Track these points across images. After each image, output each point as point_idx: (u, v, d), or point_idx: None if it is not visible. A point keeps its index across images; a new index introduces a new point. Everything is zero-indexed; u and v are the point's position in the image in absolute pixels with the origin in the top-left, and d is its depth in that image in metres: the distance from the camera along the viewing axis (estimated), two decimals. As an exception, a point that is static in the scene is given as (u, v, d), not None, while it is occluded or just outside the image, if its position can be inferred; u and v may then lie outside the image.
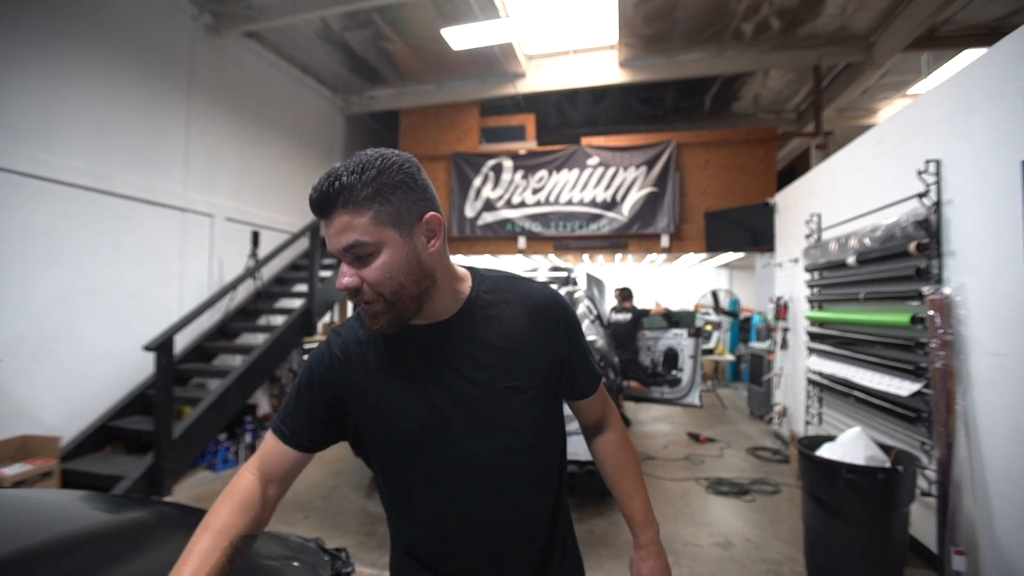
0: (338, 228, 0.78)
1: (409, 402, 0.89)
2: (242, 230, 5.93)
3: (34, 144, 3.90)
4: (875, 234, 3.40)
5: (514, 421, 0.90)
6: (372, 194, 0.78)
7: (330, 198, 0.78)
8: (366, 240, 0.78)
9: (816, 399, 4.43)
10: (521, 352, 0.91)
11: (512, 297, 0.95)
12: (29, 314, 3.87)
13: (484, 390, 0.89)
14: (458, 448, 0.89)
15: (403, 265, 0.81)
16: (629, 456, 1.08)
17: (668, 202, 6.87)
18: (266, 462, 0.91)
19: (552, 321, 0.95)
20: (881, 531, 2.52)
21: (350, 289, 0.80)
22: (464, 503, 0.90)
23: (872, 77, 6.22)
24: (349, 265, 0.81)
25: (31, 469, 3.48)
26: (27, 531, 0.99)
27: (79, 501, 1.23)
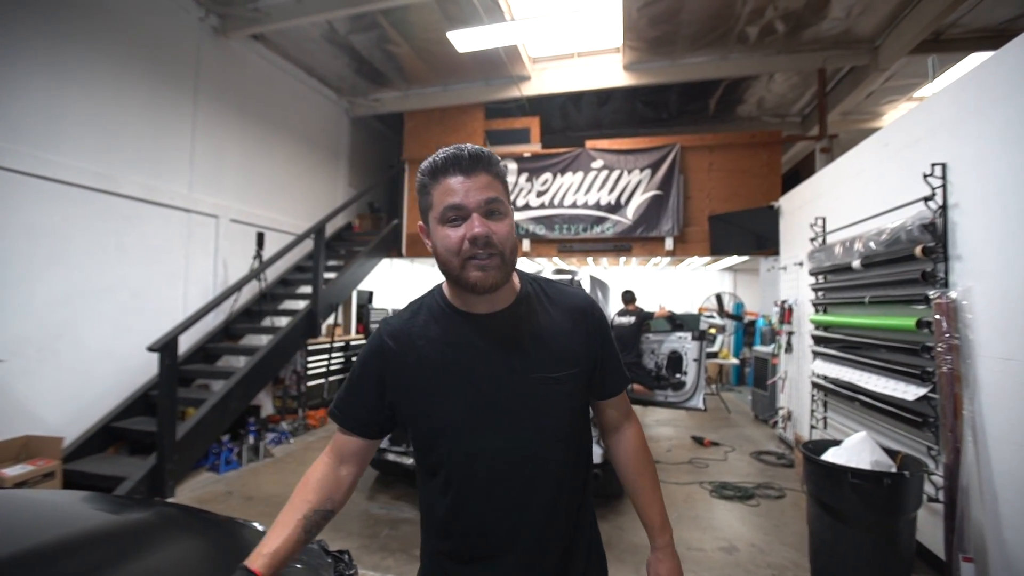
0: (483, 183, 0.90)
1: (457, 387, 0.96)
2: (247, 231, 5.95)
3: (38, 144, 3.92)
4: (880, 237, 3.38)
5: (554, 408, 0.98)
6: (500, 172, 0.94)
7: (480, 159, 0.91)
8: (503, 199, 0.92)
9: (821, 403, 4.40)
10: (562, 348, 1.00)
11: (556, 298, 1.05)
12: (32, 314, 3.88)
13: (529, 378, 0.96)
14: (501, 428, 0.96)
15: (512, 234, 0.93)
16: (648, 460, 1.13)
17: (672, 205, 6.85)
18: (337, 446, 1.03)
19: (591, 323, 1.04)
20: (887, 537, 2.50)
21: (480, 237, 0.88)
22: (503, 479, 0.97)
23: (877, 80, 6.21)
24: (483, 218, 0.89)
25: (33, 470, 3.49)
26: (29, 532, 0.99)
27: (81, 502, 1.23)
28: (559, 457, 0.99)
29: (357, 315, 8.57)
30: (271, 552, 0.87)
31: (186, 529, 1.15)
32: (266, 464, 4.82)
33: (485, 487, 0.97)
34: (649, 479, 1.12)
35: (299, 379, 6.21)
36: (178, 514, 1.21)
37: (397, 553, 3.13)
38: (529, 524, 0.97)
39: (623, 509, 3.85)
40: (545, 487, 0.98)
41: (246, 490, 4.15)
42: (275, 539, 0.89)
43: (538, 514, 0.98)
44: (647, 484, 1.11)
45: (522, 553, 0.97)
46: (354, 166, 8.38)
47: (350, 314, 8.40)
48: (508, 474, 0.97)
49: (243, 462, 4.73)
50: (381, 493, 4.10)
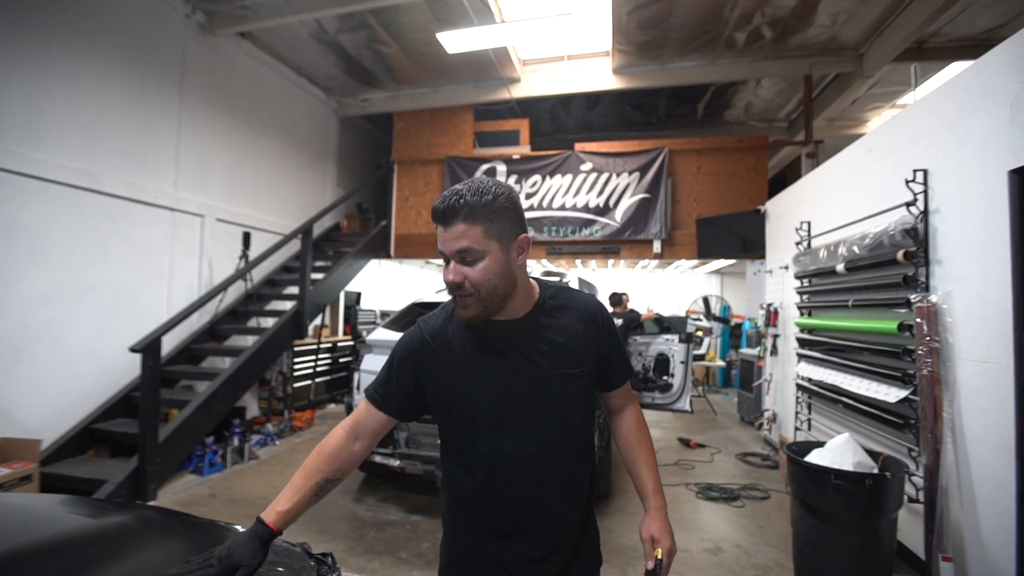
0: (455, 234, 1.00)
1: (486, 381, 1.11)
2: (233, 231, 5.88)
3: (19, 140, 3.84)
4: (864, 242, 3.43)
5: (573, 399, 1.15)
6: (486, 215, 1.00)
7: (454, 210, 0.99)
8: (475, 247, 1.00)
9: (805, 405, 4.45)
10: (576, 347, 1.14)
11: (569, 304, 1.19)
12: (10, 314, 3.80)
13: (549, 373, 1.11)
14: (526, 419, 1.11)
15: (499, 271, 1.03)
16: (645, 435, 1.29)
17: (660, 208, 6.90)
18: (358, 422, 1.15)
19: (599, 324, 1.19)
20: (869, 537, 2.53)
21: (454, 284, 1.02)
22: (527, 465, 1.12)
23: (862, 87, 6.31)
24: (457, 265, 1.02)
25: (9, 473, 3.41)
26: (3, 536, 0.97)
27: (58, 505, 1.20)
28: (574, 445, 1.17)
29: (344, 316, 8.51)
30: (284, 511, 1.01)
31: (167, 532, 1.13)
32: (251, 466, 4.76)
33: (511, 471, 1.12)
34: (646, 451, 1.25)
35: (285, 380, 6.15)
36: (159, 517, 1.19)
37: (383, 556, 3.11)
38: (550, 504, 1.14)
39: (611, 511, 3.87)
40: (562, 472, 1.15)
41: (230, 492, 4.10)
42: (288, 499, 1.03)
43: (557, 496, 1.15)
44: (643, 455, 1.25)
45: (544, 530, 1.14)
46: (343, 166, 8.33)
47: (337, 315, 8.34)
48: (531, 460, 1.12)
49: (227, 464, 4.67)
50: (368, 495, 4.07)
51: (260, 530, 0.99)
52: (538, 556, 1.14)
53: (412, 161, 7.91)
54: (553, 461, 1.14)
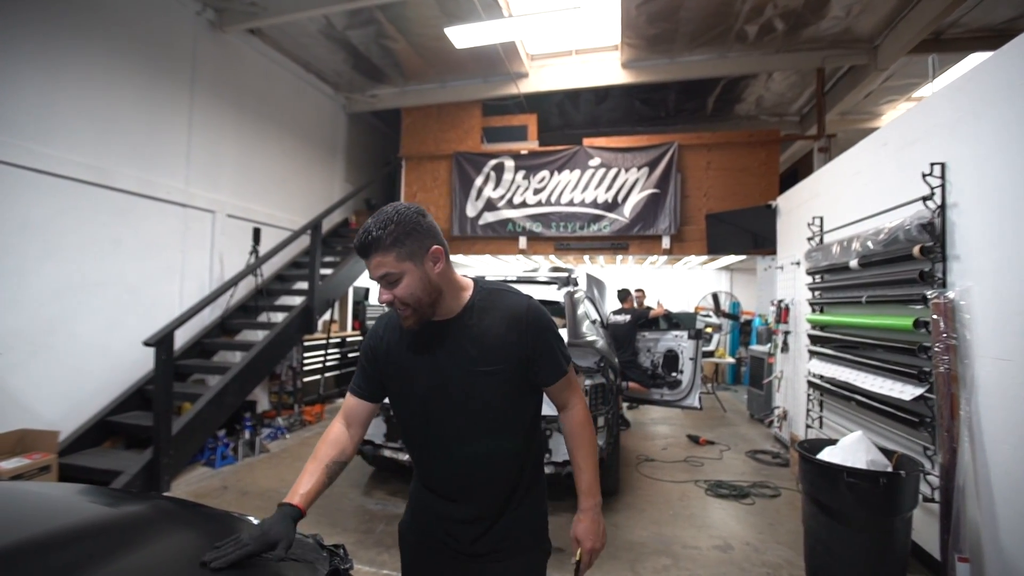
0: (374, 265, 1.17)
1: (419, 374, 1.28)
2: (243, 227, 5.92)
3: (32, 137, 3.89)
4: (878, 237, 3.38)
5: (489, 394, 1.26)
6: (393, 241, 1.15)
7: (367, 247, 1.16)
8: (393, 271, 1.17)
9: (817, 403, 4.41)
10: (495, 347, 1.25)
11: (495, 306, 1.29)
12: (25, 308, 3.85)
13: (468, 371, 1.25)
14: (454, 406, 1.27)
15: (418, 284, 1.19)
16: (585, 436, 1.36)
17: (669, 204, 6.85)
18: (349, 412, 1.36)
19: (522, 327, 1.27)
20: (883, 536, 2.50)
21: (386, 302, 1.20)
22: (456, 442, 1.29)
23: (876, 80, 6.22)
24: (385, 288, 1.19)
25: (29, 463, 3.47)
26: (25, 523, 0.98)
27: (77, 494, 1.22)
28: (493, 428, 1.28)
29: (353, 312, 8.55)
30: (305, 492, 1.16)
31: (182, 522, 1.14)
32: (262, 459, 4.80)
33: (440, 450, 1.31)
34: (584, 450, 1.35)
35: (295, 375, 6.19)
36: (174, 507, 1.20)
37: (392, 548, 3.12)
38: (474, 478, 1.30)
39: (619, 507, 3.86)
40: (484, 454, 1.28)
41: (242, 485, 4.14)
42: (307, 482, 1.19)
43: (480, 472, 1.30)
44: (581, 455, 1.34)
45: (470, 498, 1.30)
46: (351, 162, 8.34)
47: (346, 310, 8.38)
48: (456, 443, 1.29)
49: (239, 457, 4.72)
50: (377, 489, 4.09)
51: (289, 511, 1.12)
52: (465, 518, 1.31)
53: (420, 157, 7.91)
54: (474, 445, 1.28)
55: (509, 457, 1.32)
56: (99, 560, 0.88)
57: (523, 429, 1.34)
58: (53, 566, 0.85)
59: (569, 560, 1.30)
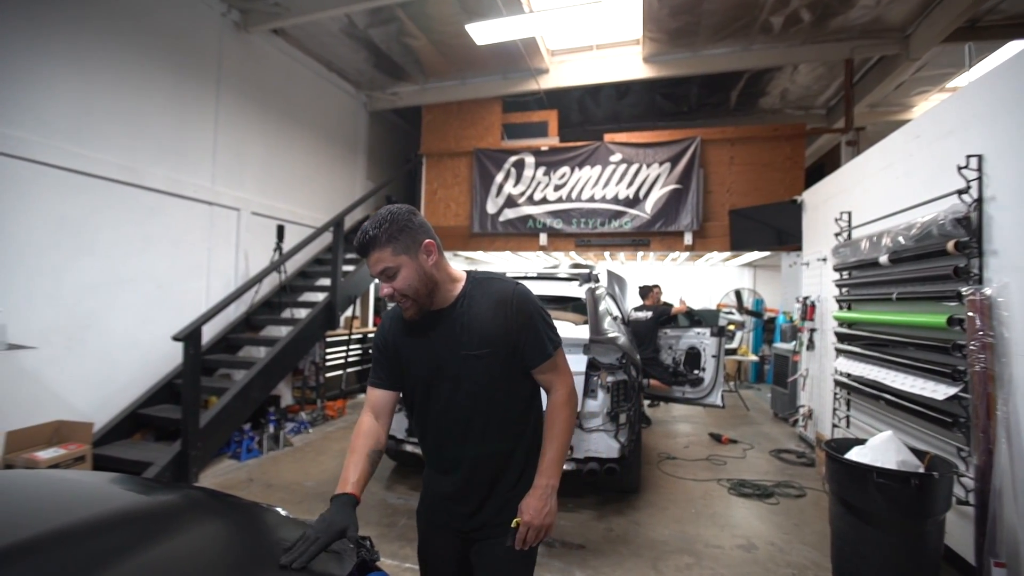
0: (373, 261, 1.28)
1: (419, 360, 1.40)
2: (267, 224, 6.02)
3: (66, 137, 4.01)
4: (910, 232, 3.28)
5: (477, 376, 1.35)
6: (388, 238, 1.27)
7: (366, 245, 1.27)
8: (390, 265, 1.28)
9: (844, 401, 4.31)
10: (483, 333, 1.34)
11: (485, 294, 1.38)
12: (61, 303, 3.98)
13: (461, 356, 1.35)
14: (449, 390, 1.37)
15: (415, 276, 1.30)
16: (560, 416, 1.38)
17: (692, 199, 6.76)
18: (373, 404, 1.45)
19: (507, 312, 1.35)
20: (914, 539, 2.44)
21: (387, 296, 1.31)
22: (452, 423, 1.39)
23: (908, 71, 6.03)
24: (385, 282, 1.30)
25: (65, 453, 3.59)
26: (65, 510, 1.02)
27: (114, 483, 1.26)
28: (483, 410, 1.37)
29: (375, 308, 8.63)
30: (356, 480, 1.27)
31: (213, 512, 1.17)
32: (286, 453, 4.89)
33: (438, 428, 1.42)
34: (554, 430, 1.37)
35: (318, 370, 6.28)
36: (205, 497, 1.23)
37: (415, 542, 3.15)
38: (466, 450, 1.38)
39: (640, 505, 3.83)
40: (475, 429, 1.37)
41: (267, 478, 4.22)
42: (354, 472, 1.28)
43: (472, 445, 1.38)
44: (551, 433, 1.37)
45: (464, 468, 1.39)
46: (372, 160, 8.42)
47: (368, 307, 8.47)
48: (451, 422, 1.39)
49: (264, 450, 4.81)
50: (399, 484, 4.13)
51: (346, 499, 1.21)
52: (460, 496, 1.40)
53: (440, 154, 7.94)
54: (466, 424, 1.37)
55: (496, 439, 1.39)
56: (136, 547, 0.91)
57: (516, 411, 1.42)
58: (96, 550, 0.88)
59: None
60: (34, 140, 3.77)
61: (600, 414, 3.38)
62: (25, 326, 3.66)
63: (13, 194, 3.67)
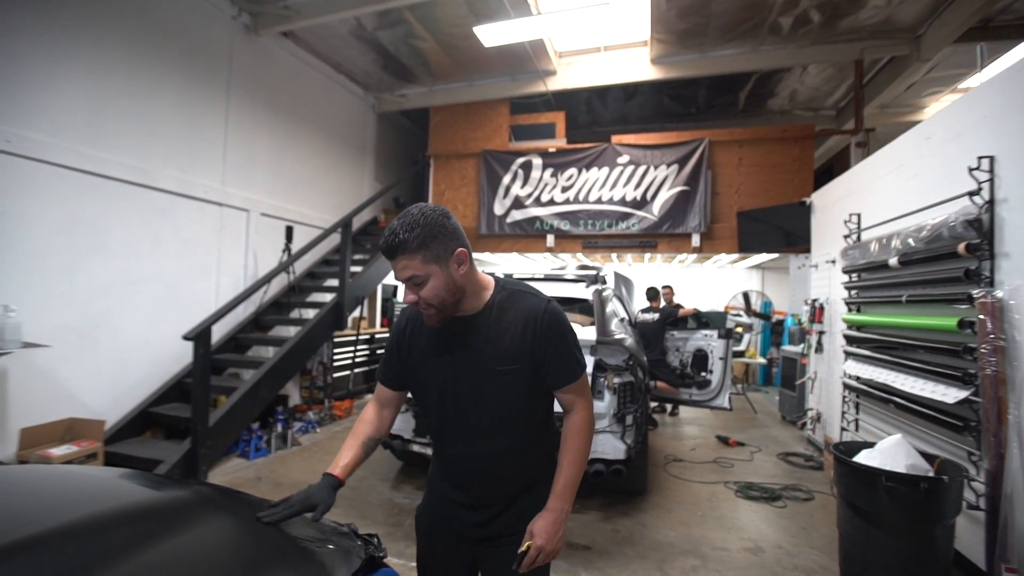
0: (400, 267, 1.21)
1: (437, 367, 1.35)
2: (276, 225, 6.07)
3: (81, 139, 4.07)
4: (920, 234, 3.26)
5: (501, 392, 1.30)
6: (419, 244, 1.18)
7: (393, 249, 1.19)
8: (419, 274, 1.20)
9: (852, 405, 4.28)
10: (510, 348, 1.29)
11: (515, 307, 1.32)
12: (75, 303, 4.04)
13: (483, 369, 1.30)
14: (466, 401, 1.33)
15: (443, 286, 1.23)
16: (578, 441, 1.33)
17: (699, 201, 6.74)
18: (380, 396, 1.48)
19: (537, 330, 1.29)
20: (923, 543, 2.42)
21: (412, 303, 1.25)
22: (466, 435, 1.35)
23: (919, 72, 5.98)
24: (411, 289, 1.23)
25: (78, 450, 3.64)
26: (80, 505, 1.04)
27: (127, 479, 1.28)
28: (500, 425, 1.32)
29: (382, 309, 8.67)
30: (345, 464, 1.30)
31: (222, 508, 1.18)
32: (294, 452, 4.92)
33: (453, 437, 1.37)
34: (571, 455, 1.32)
35: (325, 370, 6.32)
36: (215, 494, 1.25)
37: (421, 543, 3.16)
38: (483, 469, 1.36)
39: (646, 507, 3.82)
40: (493, 447, 1.33)
41: (275, 476, 4.25)
42: (346, 456, 1.32)
43: (486, 462, 1.35)
44: (567, 458, 1.32)
45: (479, 478, 1.36)
46: (380, 161, 8.46)
47: (375, 307, 8.51)
48: (467, 432, 1.34)
49: (272, 449, 4.85)
50: (405, 483, 4.15)
51: (330, 480, 1.25)
52: (471, 504, 1.36)
53: (448, 155, 7.96)
54: (483, 439, 1.33)
55: (515, 453, 1.36)
56: (150, 540, 0.93)
57: (532, 427, 1.38)
58: (111, 544, 0.89)
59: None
60: (48, 141, 3.83)
61: (607, 415, 3.38)
62: (39, 325, 3.71)
63: (29, 195, 3.73)
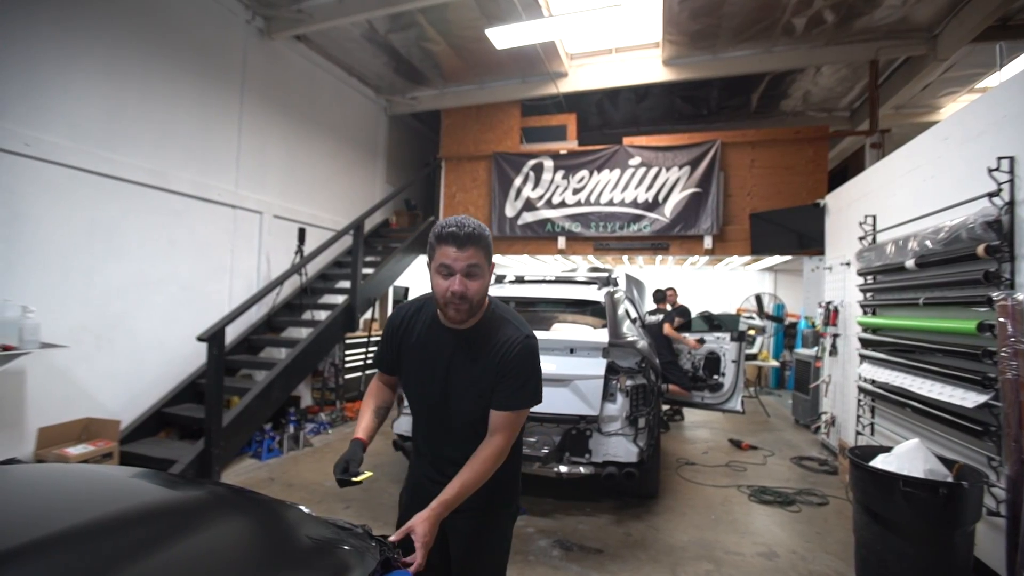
0: (468, 254, 1.35)
1: (423, 366, 1.53)
2: (289, 227, 6.12)
3: (98, 143, 4.13)
4: (938, 236, 3.21)
5: (474, 398, 1.48)
6: (485, 244, 1.39)
7: (470, 237, 1.34)
8: (481, 264, 1.37)
9: (868, 408, 4.22)
10: (485, 368, 1.46)
11: (498, 332, 1.48)
12: (92, 304, 4.10)
13: (462, 378, 1.48)
14: (445, 400, 1.51)
15: (485, 286, 1.41)
16: (479, 467, 1.41)
17: (712, 203, 6.69)
18: (379, 376, 1.70)
19: (501, 357, 1.45)
20: (942, 550, 2.38)
21: (459, 294, 1.35)
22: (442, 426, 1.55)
23: (935, 71, 5.90)
24: (464, 277, 1.35)
25: (94, 450, 3.69)
26: (99, 503, 1.05)
27: (143, 478, 1.29)
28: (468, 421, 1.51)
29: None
30: (365, 428, 1.55)
31: (238, 508, 1.19)
32: (306, 453, 4.96)
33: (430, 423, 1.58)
34: (468, 475, 1.39)
35: (337, 372, 6.36)
36: (230, 493, 1.26)
37: (432, 544, 3.16)
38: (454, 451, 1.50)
39: (659, 510, 3.80)
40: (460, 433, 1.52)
41: (287, 477, 4.28)
42: (366, 425, 1.57)
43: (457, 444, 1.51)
44: (464, 475, 1.39)
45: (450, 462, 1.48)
46: (391, 163, 8.50)
47: (387, 309, 8.54)
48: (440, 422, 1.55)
49: (284, 450, 4.88)
50: (416, 485, 4.15)
51: (358, 443, 1.50)
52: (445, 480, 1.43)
53: (459, 158, 7.98)
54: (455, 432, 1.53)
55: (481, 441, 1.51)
56: (170, 538, 0.94)
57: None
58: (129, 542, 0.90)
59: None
60: (67, 145, 3.89)
61: (619, 418, 3.36)
62: (57, 325, 3.77)
63: (48, 198, 3.80)
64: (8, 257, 3.59)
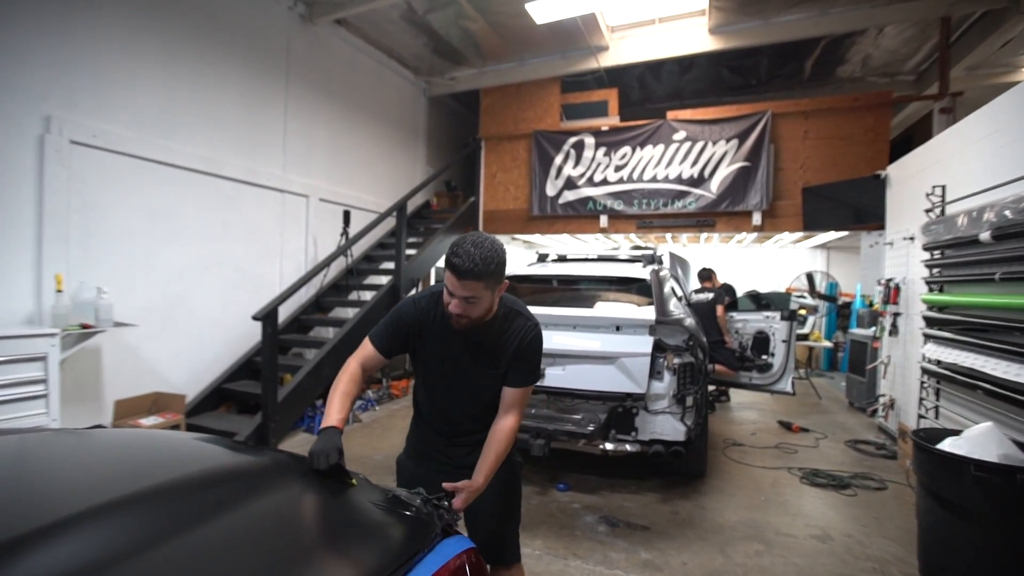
0: (466, 287, 1.43)
1: (439, 355, 1.67)
2: (334, 210, 6.27)
3: (157, 132, 4.33)
4: (1019, 206, 2.96)
5: (489, 383, 1.67)
6: (488, 277, 1.44)
7: (470, 274, 1.41)
8: (476, 296, 1.46)
9: (932, 391, 4.00)
10: (499, 355, 1.64)
11: (512, 323, 1.65)
12: (155, 286, 4.34)
13: (476, 365, 1.65)
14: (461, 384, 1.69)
15: (486, 308, 1.53)
16: (500, 443, 1.59)
17: (761, 177, 6.42)
18: (364, 357, 1.68)
19: (517, 343, 1.64)
20: (1016, 538, 2.25)
21: (457, 315, 1.49)
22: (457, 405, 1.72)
23: (1017, 26, 5.39)
24: (462, 302, 1.46)
25: (163, 421, 3.94)
26: (180, 465, 1.12)
27: (216, 444, 1.38)
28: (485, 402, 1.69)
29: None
30: (339, 416, 1.49)
31: (296, 473, 1.25)
32: (355, 428, 5.13)
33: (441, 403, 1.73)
34: (495, 450, 1.58)
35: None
36: (291, 460, 1.32)
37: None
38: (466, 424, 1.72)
39: (706, 489, 3.75)
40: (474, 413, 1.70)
41: (338, 451, 4.44)
42: (338, 411, 1.50)
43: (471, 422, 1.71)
44: (491, 451, 1.58)
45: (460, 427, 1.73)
46: (432, 145, 8.55)
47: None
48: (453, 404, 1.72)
49: (334, 426, 5.06)
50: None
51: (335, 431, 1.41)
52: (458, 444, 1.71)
53: (499, 137, 7.93)
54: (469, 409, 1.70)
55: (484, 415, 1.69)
56: (246, 498, 0.99)
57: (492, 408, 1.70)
58: (207, 501, 0.96)
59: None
60: (129, 135, 4.09)
61: (666, 396, 3.31)
62: (126, 305, 4.01)
63: (113, 186, 4.01)
64: (84, 243, 3.83)
